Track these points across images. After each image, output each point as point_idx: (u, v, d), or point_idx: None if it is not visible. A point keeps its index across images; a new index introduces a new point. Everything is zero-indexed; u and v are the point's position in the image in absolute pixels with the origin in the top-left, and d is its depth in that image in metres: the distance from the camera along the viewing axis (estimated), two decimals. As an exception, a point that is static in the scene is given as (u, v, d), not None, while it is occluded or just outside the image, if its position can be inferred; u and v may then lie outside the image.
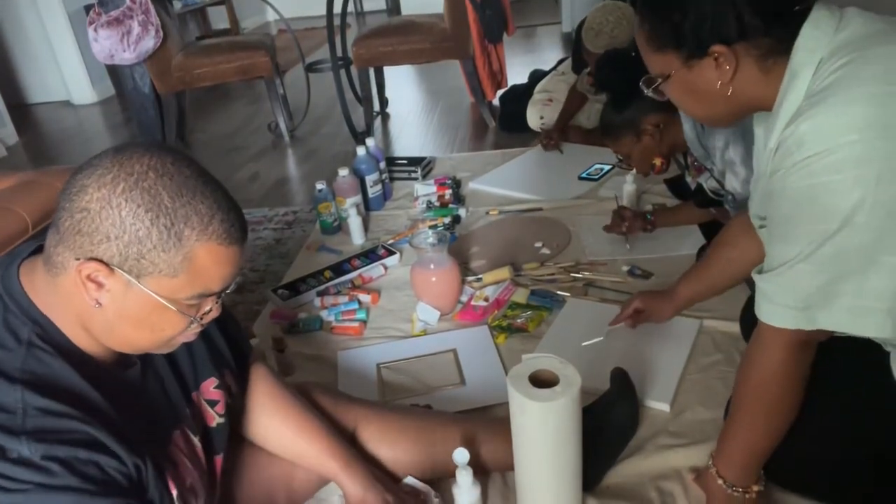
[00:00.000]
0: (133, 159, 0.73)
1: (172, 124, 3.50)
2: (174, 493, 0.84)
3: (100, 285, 0.74)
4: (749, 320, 1.43)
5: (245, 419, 1.11)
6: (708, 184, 1.67)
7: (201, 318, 0.82)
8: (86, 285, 0.74)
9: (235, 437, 1.09)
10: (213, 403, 0.99)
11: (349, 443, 1.15)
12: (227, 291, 0.83)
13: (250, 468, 1.11)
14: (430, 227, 2.11)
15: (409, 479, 1.17)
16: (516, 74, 3.71)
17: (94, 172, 0.73)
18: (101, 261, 0.73)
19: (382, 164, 2.44)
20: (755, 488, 1.04)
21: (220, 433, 1.00)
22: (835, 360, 1.03)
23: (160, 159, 0.74)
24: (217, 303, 0.83)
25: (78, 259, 0.73)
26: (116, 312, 0.76)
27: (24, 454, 0.70)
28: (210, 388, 0.99)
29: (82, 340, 0.79)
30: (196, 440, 0.93)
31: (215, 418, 0.99)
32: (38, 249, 0.81)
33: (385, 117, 3.79)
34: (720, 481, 1.05)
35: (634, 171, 1.84)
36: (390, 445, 1.18)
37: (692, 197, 1.90)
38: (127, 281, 0.74)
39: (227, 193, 0.79)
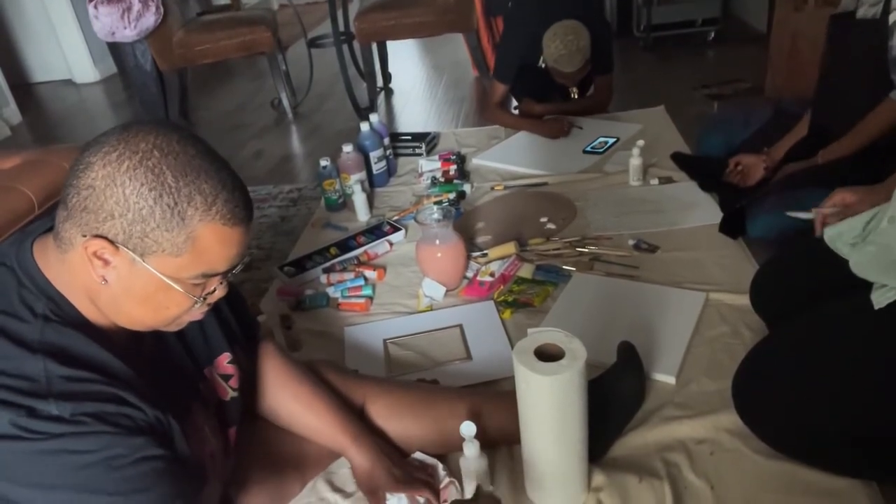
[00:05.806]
0: (139, 137, 0.73)
1: (175, 102, 3.48)
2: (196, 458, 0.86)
3: (106, 262, 0.75)
4: (759, 293, 1.44)
5: (255, 395, 1.12)
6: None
7: (206, 298, 0.82)
8: (92, 262, 0.75)
9: (246, 412, 1.10)
10: (226, 378, 1.00)
11: (358, 418, 1.16)
12: (234, 272, 0.83)
13: (261, 443, 1.13)
14: (435, 203, 2.10)
15: (418, 455, 1.18)
16: (520, 47, 3.67)
17: (101, 150, 0.73)
18: (106, 238, 0.74)
19: (387, 140, 2.43)
20: None
21: (234, 406, 1.02)
22: (853, 335, 1.03)
23: (166, 138, 0.74)
24: (222, 283, 0.83)
25: (84, 236, 0.74)
26: (122, 289, 0.77)
27: (54, 413, 0.71)
28: (224, 362, 1.00)
29: (93, 316, 0.80)
30: (212, 412, 0.95)
31: (229, 392, 1.01)
32: (52, 227, 0.81)
33: (388, 93, 3.76)
34: None
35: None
36: (398, 420, 1.19)
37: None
38: (131, 259, 0.75)
39: (233, 173, 0.79)
